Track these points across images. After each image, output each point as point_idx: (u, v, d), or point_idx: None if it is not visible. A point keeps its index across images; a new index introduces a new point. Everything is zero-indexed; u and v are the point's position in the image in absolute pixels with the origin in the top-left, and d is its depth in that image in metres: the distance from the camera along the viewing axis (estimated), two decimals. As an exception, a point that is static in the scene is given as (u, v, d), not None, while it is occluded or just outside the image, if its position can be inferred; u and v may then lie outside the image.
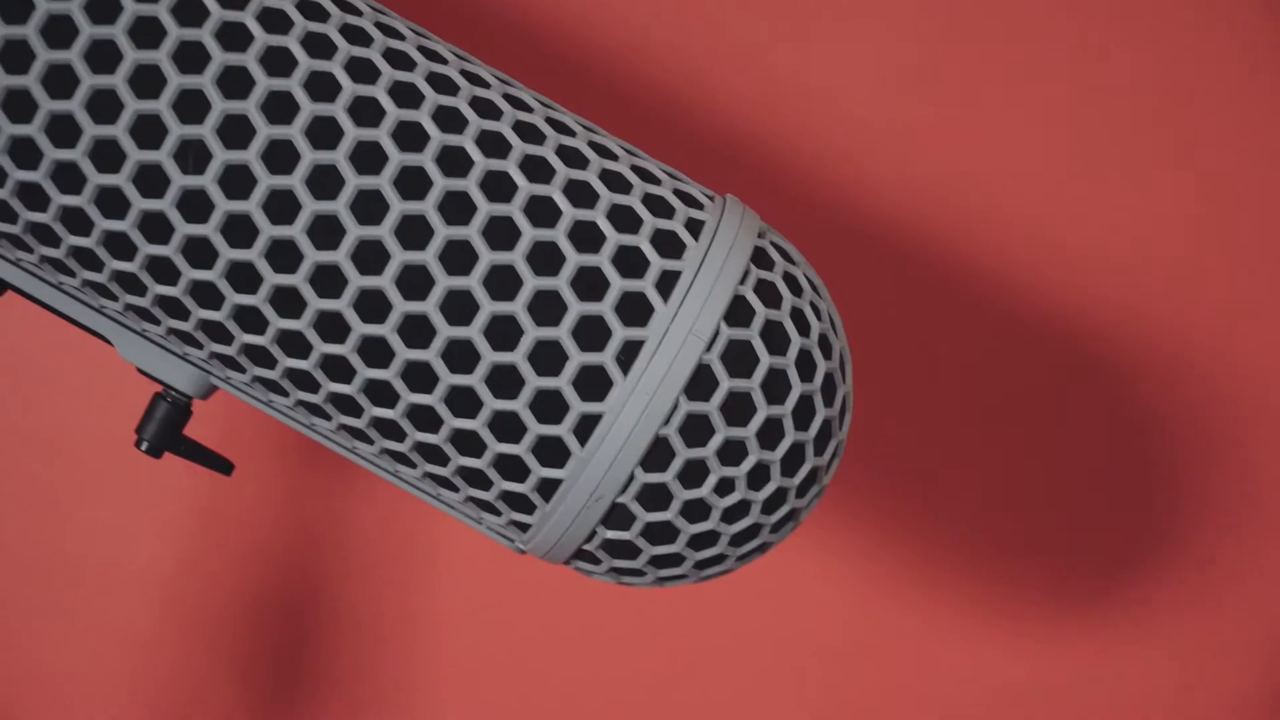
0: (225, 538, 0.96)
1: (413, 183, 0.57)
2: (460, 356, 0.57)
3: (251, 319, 0.58)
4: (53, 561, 0.97)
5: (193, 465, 0.66)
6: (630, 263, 0.58)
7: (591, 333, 0.57)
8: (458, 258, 0.57)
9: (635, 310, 0.58)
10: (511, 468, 0.59)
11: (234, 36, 0.57)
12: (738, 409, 0.58)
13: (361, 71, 0.58)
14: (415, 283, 0.57)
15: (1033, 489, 0.98)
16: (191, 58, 0.56)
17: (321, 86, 0.57)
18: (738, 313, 0.59)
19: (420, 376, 0.58)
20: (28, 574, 0.97)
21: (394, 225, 0.57)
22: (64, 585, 0.97)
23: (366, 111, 0.57)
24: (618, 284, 0.58)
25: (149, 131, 0.56)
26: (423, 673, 0.97)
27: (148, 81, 0.56)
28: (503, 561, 0.95)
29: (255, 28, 0.57)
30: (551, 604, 0.97)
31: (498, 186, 0.58)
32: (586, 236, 0.58)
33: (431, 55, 0.60)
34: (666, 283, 0.58)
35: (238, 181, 0.56)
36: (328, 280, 0.57)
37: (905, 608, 0.99)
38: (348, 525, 0.96)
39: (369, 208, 0.56)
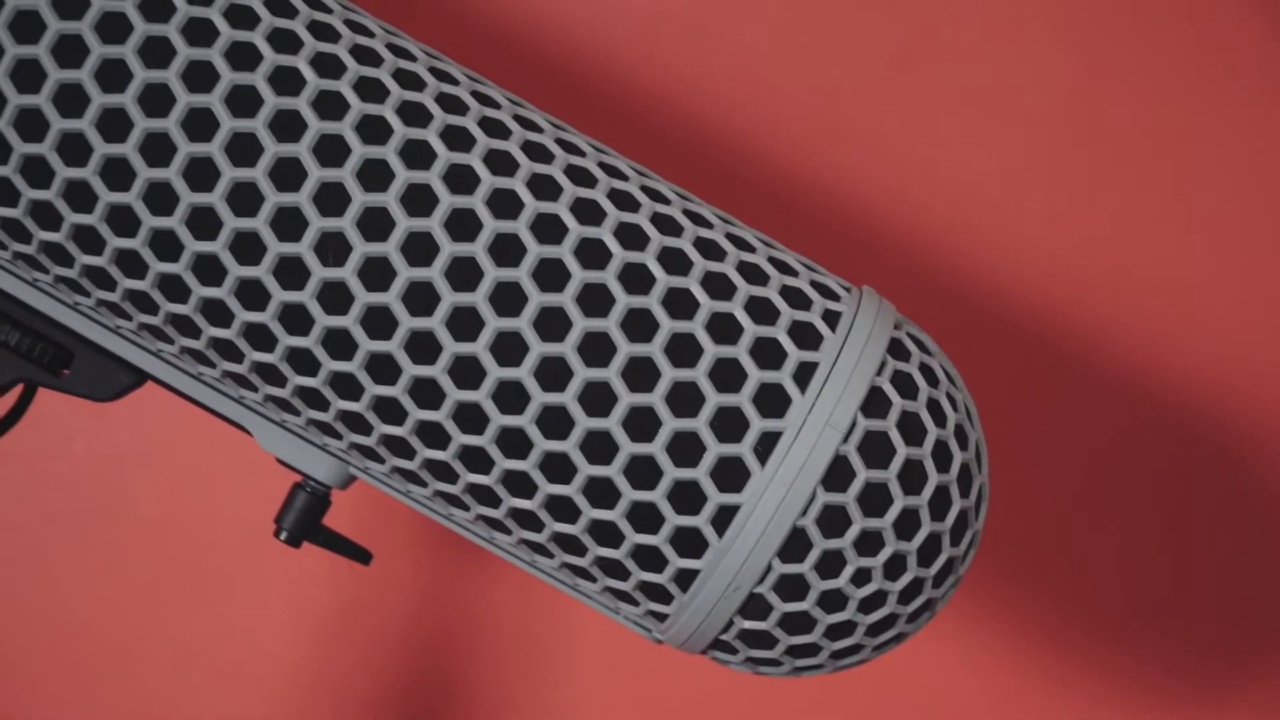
0: (362, 626, 0.96)
1: (551, 275, 0.57)
2: (599, 448, 0.58)
3: (391, 410, 0.59)
4: (191, 651, 0.98)
5: (331, 554, 0.67)
6: (768, 354, 0.58)
7: (729, 424, 0.58)
8: (595, 350, 0.57)
9: (773, 401, 0.58)
10: (649, 558, 0.59)
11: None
12: (874, 500, 0.58)
13: (499, 163, 0.58)
14: (554, 374, 0.57)
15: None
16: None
17: (461, 180, 0.58)
18: (874, 404, 0.59)
19: (559, 467, 0.58)
20: (167, 664, 0.98)
21: (532, 316, 0.57)
22: (203, 675, 0.98)
23: (506, 204, 0.58)
24: (755, 375, 0.58)
25: (290, 224, 0.57)
26: (557, 763, 0.98)
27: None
28: (638, 651, 0.95)
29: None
30: (687, 694, 0.97)
31: (636, 280, 0.58)
32: (724, 328, 0.58)
33: (568, 147, 0.61)
34: (804, 374, 0.58)
35: (376, 275, 0.57)
36: (467, 372, 0.57)
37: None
38: (483, 614, 0.96)
39: (507, 297, 0.57)
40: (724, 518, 0.58)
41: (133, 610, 0.98)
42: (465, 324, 0.57)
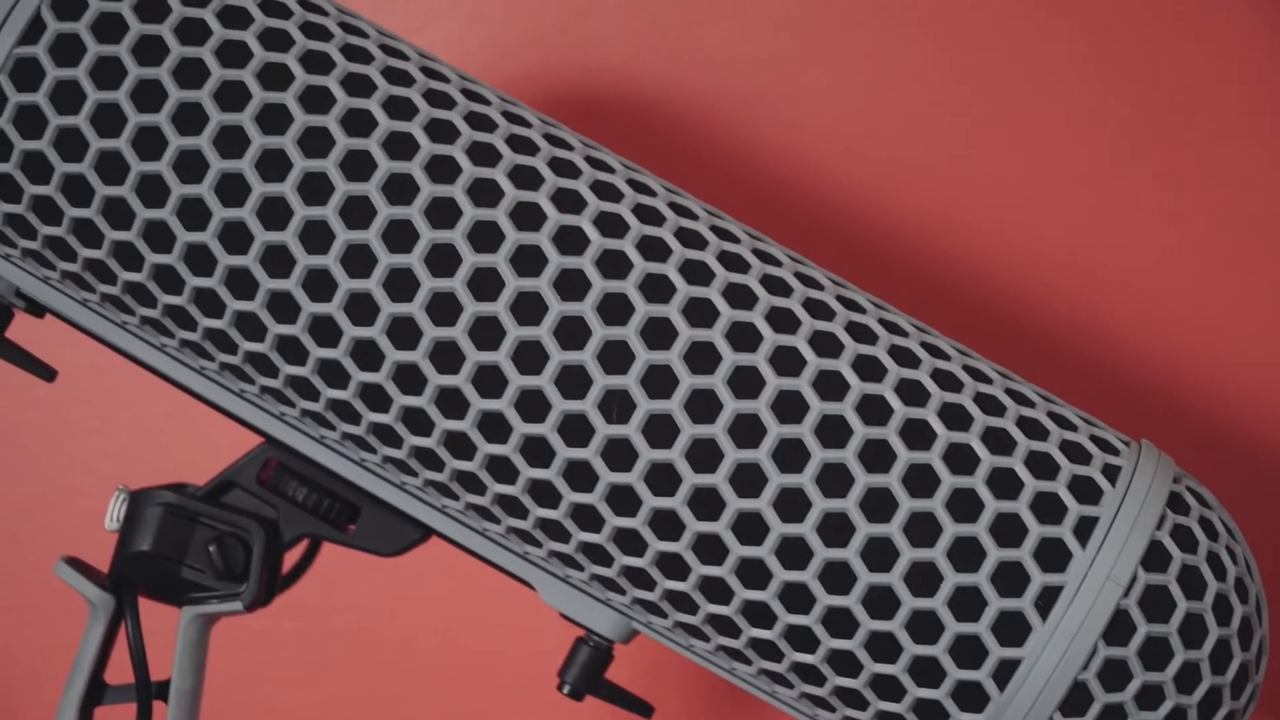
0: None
1: (833, 431, 0.58)
2: (881, 602, 0.58)
3: (674, 566, 0.59)
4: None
5: (613, 708, 0.67)
6: (1048, 509, 0.58)
7: (1010, 578, 0.58)
8: (877, 506, 0.58)
9: (1054, 556, 0.58)
10: (931, 712, 0.59)
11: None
12: (1155, 654, 0.58)
13: (781, 320, 0.60)
14: (836, 529, 0.58)
15: None
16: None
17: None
18: (1155, 558, 0.58)
19: (841, 622, 0.58)
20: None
21: (814, 473, 0.58)
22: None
23: (788, 362, 0.59)
24: (1036, 530, 0.58)
25: (573, 383, 0.59)
26: None
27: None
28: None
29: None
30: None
31: (916, 435, 0.59)
32: (1005, 483, 0.58)
33: (850, 304, 0.61)
34: (1084, 529, 0.58)
35: (660, 431, 0.58)
36: (750, 528, 0.58)
37: None
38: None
39: (789, 455, 0.58)
40: (1005, 672, 0.58)
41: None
42: (750, 482, 0.58)
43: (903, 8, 0.96)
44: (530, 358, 0.58)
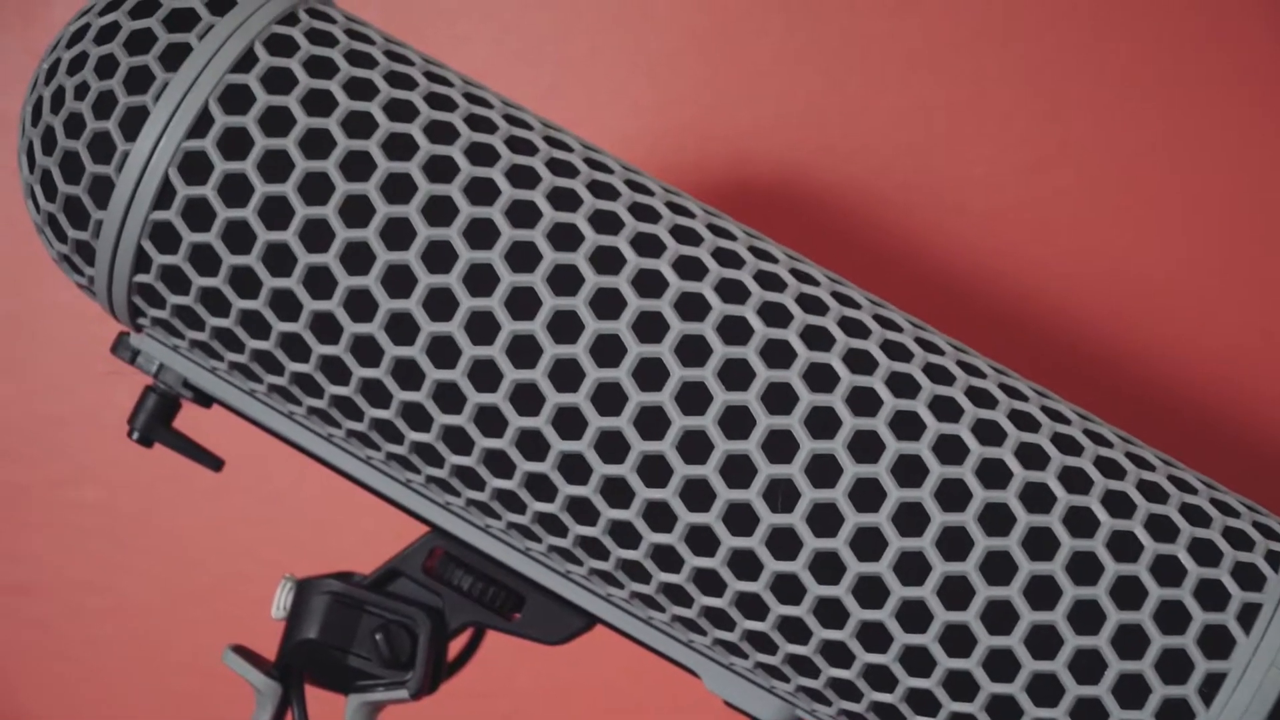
0: None
1: (997, 519, 0.58)
2: (1047, 691, 0.57)
3: (838, 653, 0.59)
4: None
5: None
6: (1211, 595, 0.58)
7: (1174, 665, 0.57)
8: (1042, 594, 0.57)
9: (1217, 643, 0.57)
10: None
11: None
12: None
13: (944, 410, 0.59)
14: (1000, 617, 0.57)
15: None
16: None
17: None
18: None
19: (1006, 711, 0.58)
20: None
21: (978, 561, 0.57)
22: None
23: (951, 450, 0.58)
24: (1200, 617, 0.57)
25: (739, 472, 0.59)
26: None
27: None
28: None
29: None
30: None
31: (1080, 523, 0.58)
32: (1168, 570, 0.58)
33: (1013, 393, 0.61)
34: (1248, 615, 0.58)
35: (822, 520, 0.58)
36: (915, 618, 0.58)
37: None
38: None
39: (953, 542, 0.58)
40: None
41: None
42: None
43: (1061, 95, 0.95)
44: (695, 447, 0.58)
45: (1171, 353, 0.97)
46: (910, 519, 0.58)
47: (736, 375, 0.58)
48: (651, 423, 0.58)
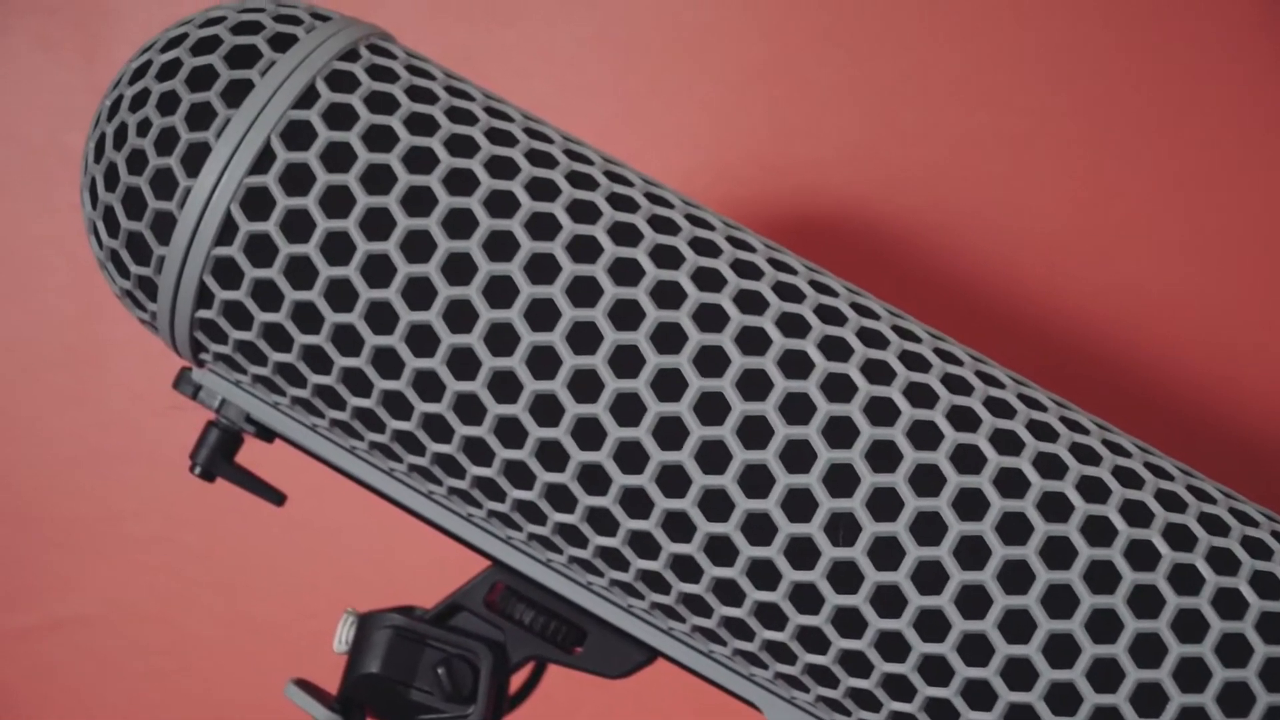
0: None
1: (1057, 553, 0.58)
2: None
3: (899, 688, 0.59)
4: None
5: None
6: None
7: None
8: (1103, 627, 0.57)
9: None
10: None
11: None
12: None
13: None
14: (1061, 650, 0.57)
15: None
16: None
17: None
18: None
19: None
20: None
21: (1040, 594, 0.57)
22: None
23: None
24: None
25: (799, 506, 0.59)
26: None
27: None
28: None
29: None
30: None
31: (1141, 557, 0.58)
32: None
33: (1074, 427, 0.61)
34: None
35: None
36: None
37: None
38: None
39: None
40: None
41: None
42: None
43: (1119, 127, 0.95)
44: (755, 482, 0.58)
45: (1229, 387, 0.97)
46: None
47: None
48: (712, 457, 0.59)
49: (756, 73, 0.97)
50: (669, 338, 0.59)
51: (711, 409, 0.58)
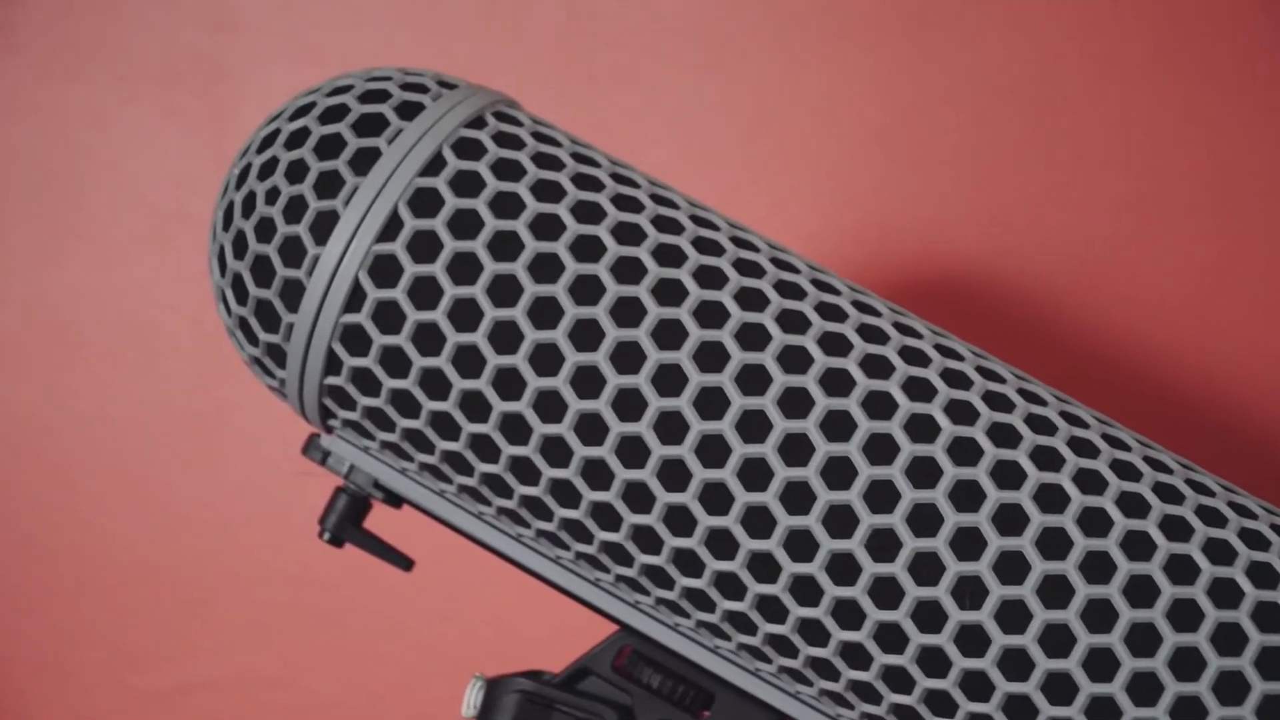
0: None
1: (1185, 616, 0.57)
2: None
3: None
4: None
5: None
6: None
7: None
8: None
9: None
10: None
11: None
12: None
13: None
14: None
15: None
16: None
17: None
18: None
19: None
20: None
21: (1166, 658, 0.57)
22: None
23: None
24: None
25: (925, 569, 0.58)
26: None
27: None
28: None
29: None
30: None
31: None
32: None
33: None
34: None
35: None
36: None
37: None
38: None
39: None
40: None
41: None
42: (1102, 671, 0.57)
43: (1243, 190, 0.95)
44: (883, 546, 0.58)
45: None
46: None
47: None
48: (839, 523, 0.58)
49: (878, 136, 0.97)
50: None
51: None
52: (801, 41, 0.98)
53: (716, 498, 0.59)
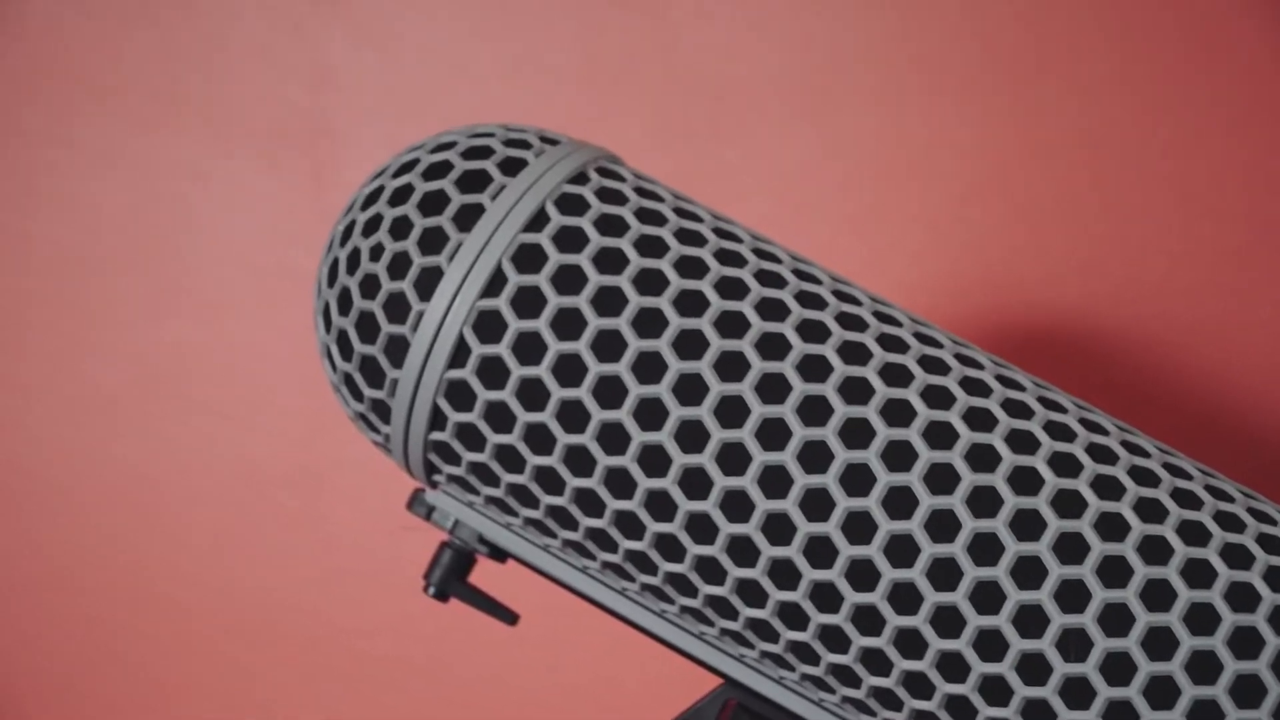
0: None
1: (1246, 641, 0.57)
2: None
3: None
4: None
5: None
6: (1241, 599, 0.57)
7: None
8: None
9: None
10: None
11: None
12: None
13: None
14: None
15: None
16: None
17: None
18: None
19: None
20: None
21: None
22: None
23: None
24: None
25: (1031, 622, 0.58)
26: None
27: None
28: None
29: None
30: None
31: (1242, 597, 0.58)
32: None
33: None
34: None
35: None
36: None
37: None
38: None
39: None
40: None
41: None
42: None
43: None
44: (986, 598, 0.58)
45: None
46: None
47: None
48: (943, 576, 0.58)
49: (977, 188, 0.97)
50: (899, 455, 0.59)
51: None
52: (900, 94, 0.98)
53: (821, 552, 0.59)
